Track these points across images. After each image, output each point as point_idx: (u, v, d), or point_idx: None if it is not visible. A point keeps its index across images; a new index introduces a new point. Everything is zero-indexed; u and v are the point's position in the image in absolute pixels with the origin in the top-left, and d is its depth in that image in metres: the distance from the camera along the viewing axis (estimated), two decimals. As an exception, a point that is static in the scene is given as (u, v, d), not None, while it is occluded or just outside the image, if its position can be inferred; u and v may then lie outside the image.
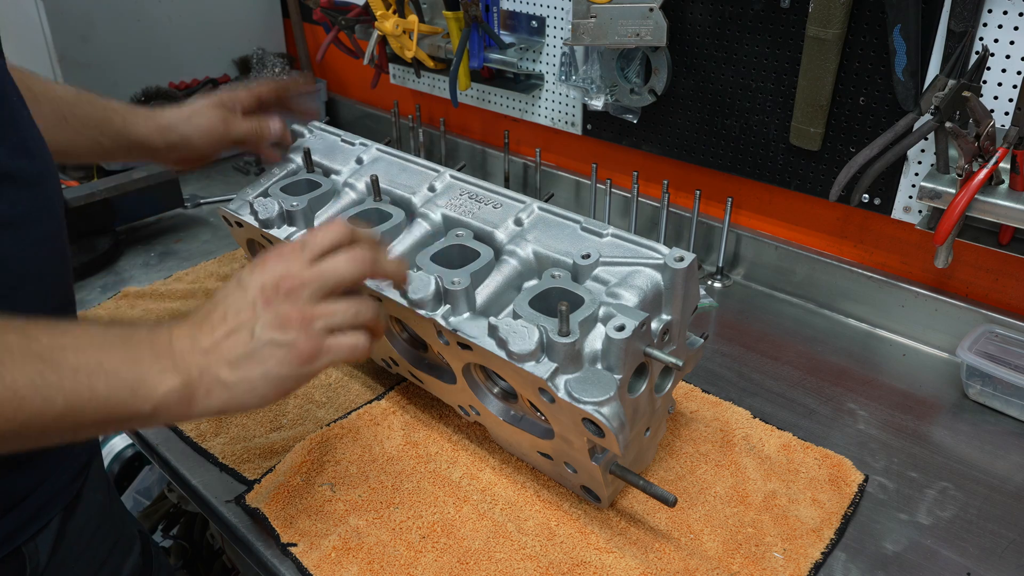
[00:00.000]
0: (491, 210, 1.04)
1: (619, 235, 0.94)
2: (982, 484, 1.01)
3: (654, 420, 0.94)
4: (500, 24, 1.66)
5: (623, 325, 0.81)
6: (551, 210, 1.01)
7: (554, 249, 0.95)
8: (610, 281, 0.89)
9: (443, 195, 1.10)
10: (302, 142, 1.29)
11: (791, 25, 1.27)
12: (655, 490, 0.89)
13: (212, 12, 2.08)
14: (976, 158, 1.05)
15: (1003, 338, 1.17)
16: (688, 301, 0.90)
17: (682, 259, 0.86)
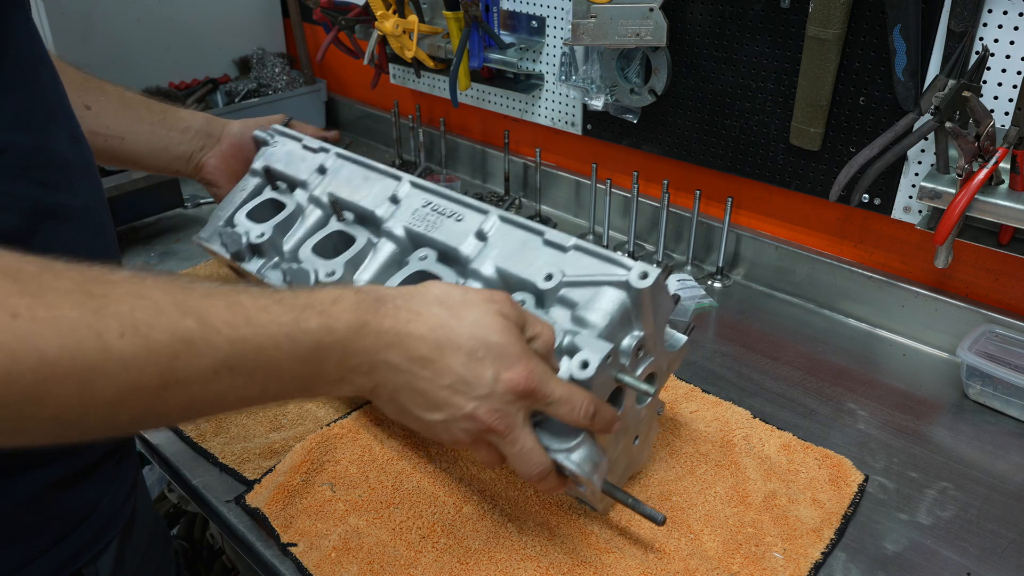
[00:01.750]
0: (453, 223, 1.01)
1: (583, 247, 0.89)
2: (982, 484, 1.01)
3: (642, 428, 0.93)
4: (500, 24, 1.66)
5: (587, 362, 0.77)
6: (513, 220, 0.97)
7: (518, 267, 0.92)
8: (576, 303, 0.85)
9: (405, 206, 1.07)
10: (265, 151, 1.27)
11: (791, 25, 1.27)
12: (643, 509, 0.86)
13: (212, 12, 2.08)
14: (976, 158, 1.05)
15: (1003, 338, 1.18)
16: (660, 313, 0.86)
17: (646, 276, 0.81)
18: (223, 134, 1.27)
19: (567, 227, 1.69)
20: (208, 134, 1.25)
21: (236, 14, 2.15)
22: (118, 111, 1.15)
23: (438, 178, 1.74)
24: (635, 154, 1.60)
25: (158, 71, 2.00)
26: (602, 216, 1.55)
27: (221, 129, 1.27)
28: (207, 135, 1.25)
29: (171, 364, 0.54)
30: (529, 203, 1.78)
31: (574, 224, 1.70)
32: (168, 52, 2.02)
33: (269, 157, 1.26)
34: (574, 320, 0.84)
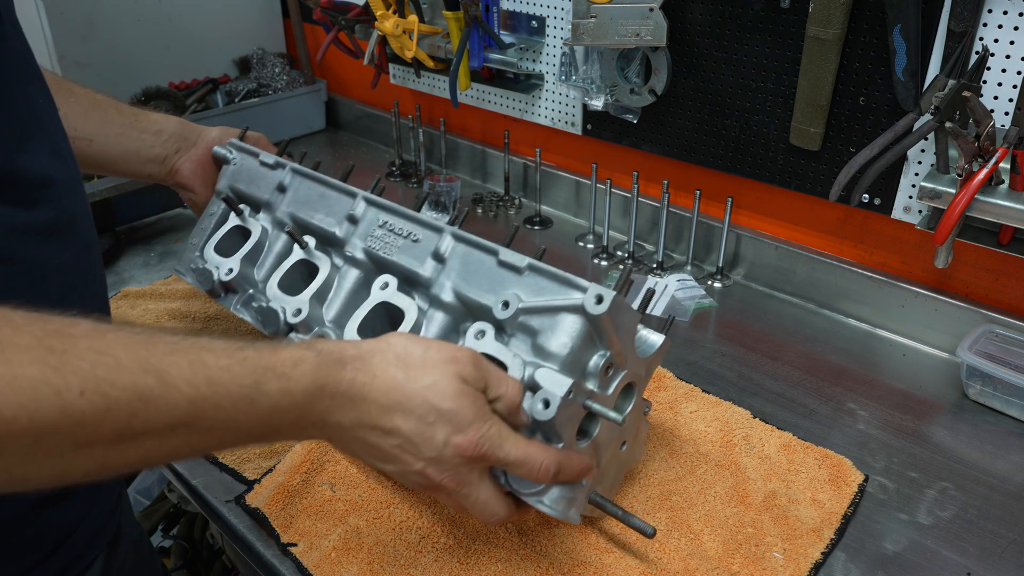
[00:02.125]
0: (410, 245, 0.98)
1: (537, 268, 0.86)
2: (982, 484, 1.01)
3: (628, 433, 0.91)
4: (500, 24, 1.66)
5: (547, 401, 0.76)
6: (467, 239, 0.93)
7: (476, 291, 0.89)
8: (536, 331, 0.82)
9: (362, 227, 1.04)
10: (227, 170, 1.23)
11: (791, 25, 1.27)
12: (634, 521, 0.86)
13: (212, 12, 2.08)
14: (976, 158, 1.05)
15: (1003, 338, 1.17)
16: (624, 329, 0.82)
17: (601, 300, 0.78)
18: (199, 139, 1.23)
19: (567, 227, 1.69)
20: (183, 137, 1.21)
21: (236, 14, 2.15)
22: (87, 113, 1.11)
23: (438, 178, 1.74)
24: (635, 154, 1.60)
25: (158, 71, 2.00)
26: (602, 216, 1.55)
27: (198, 134, 1.23)
28: (182, 138, 1.21)
29: (128, 421, 0.54)
30: (529, 203, 1.78)
31: (574, 224, 1.70)
32: (168, 52, 2.02)
33: (232, 176, 1.22)
34: (535, 349, 0.81)
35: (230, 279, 1.12)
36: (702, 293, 1.43)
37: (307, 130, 2.20)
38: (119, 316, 1.34)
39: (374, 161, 2.04)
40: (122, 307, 1.37)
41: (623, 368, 0.85)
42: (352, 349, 0.67)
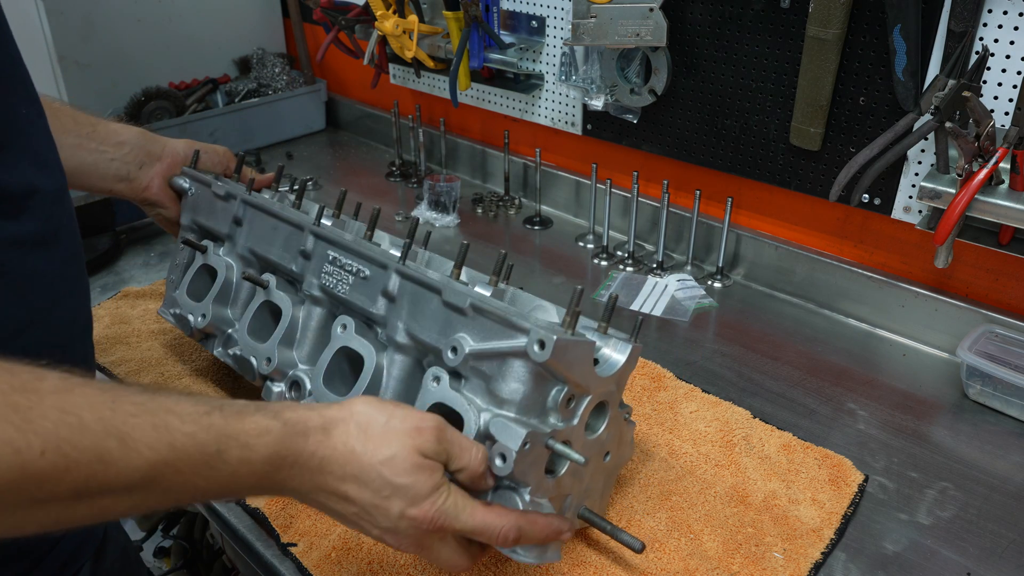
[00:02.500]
0: (360, 282, 0.95)
1: (480, 310, 0.80)
2: (982, 484, 1.01)
3: (611, 443, 0.88)
4: (500, 24, 1.66)
5: (503, 455, 0.74)
6: (413, 277, 0.88)
7: (427, 333, 0.86)
8: (488, 376, 0.79)
9: (314, 263, 1.00)
10: (187, 202, 1.19)
11: (791, 25, 1.27)
12: (622, 536, 0.84)
13: (212, 12, 2.08)
14: (976, 158, 1.05)
15: (1003, 338, 1.17)
16: (579, 361, 0.78)
17: (543, 346, 0.73)
18: (164, 152, 1.17)
19: (567, 227, 1.69)
20: (146, 151, 1.15)
21: (236, 14, 2.15)
22: None
23: (438, 178, 1.74)
24: (635, 154, 1.60)
25: (158, 71, 2.00)
26: (602, 216, 1.55)
27: (162, 147, 1.17)
28: (145, 152, 1.15)
29: (87, 482, 0.54)
30: (529, 203, 1.78)
31: (574, 224, 1.70)
32: (168, 52, 2.02)
33: (192, 208, 1.18)
34: (490, 394, 0.79)
35: (205, 325, 1.09)
36: (702, 293, 1.43)
37: (307, 130, 2.20)
38: (119, 316, 1.34)
39: (374, 161, 2.04)
40: (122, 307, 1.37)
41: (586, 394, 0.81)
42: (317, 419, 0.67)
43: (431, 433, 0.70)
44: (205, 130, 1.96)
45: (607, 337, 0.86)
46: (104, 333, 1.29)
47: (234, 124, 2.02)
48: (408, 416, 0.70)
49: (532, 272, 1.51)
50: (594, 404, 0.83)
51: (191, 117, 1.93)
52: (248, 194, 1.12)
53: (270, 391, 1.01)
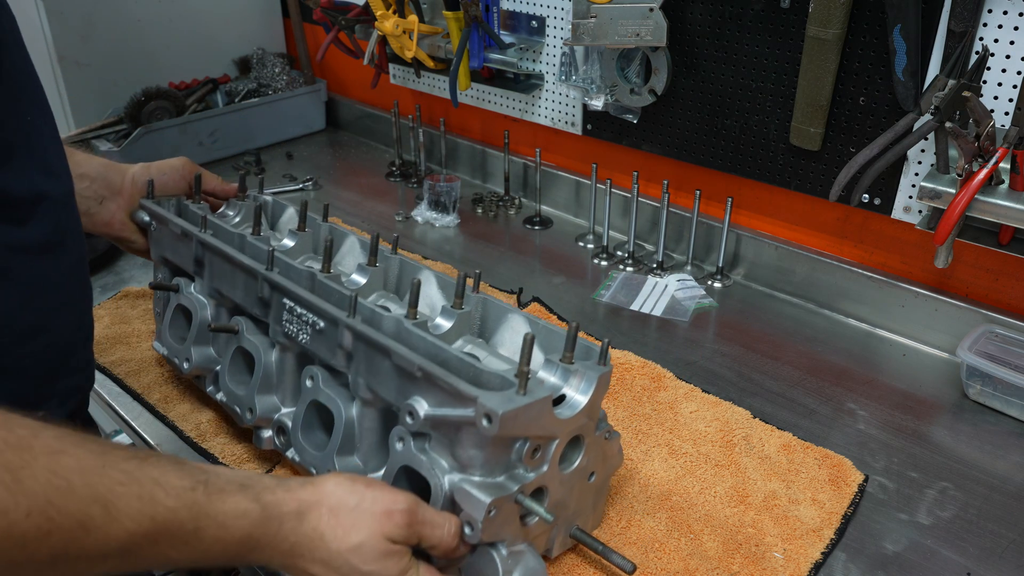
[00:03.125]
0: (318, 335, 0.91)
1: (431, 376, 0.77)
2: (982, 484, 1.01)
3: (592, 466, 0.86)
4: (500, 24, 1.66)
5: (470, 523, 0.74)
6: (363, 335, 0.84)
7: (386, 393, 0.84)
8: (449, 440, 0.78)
9: (274, 310, 0.96)
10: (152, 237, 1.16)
11: (791, 25, 1.27)
12: (613, 558, 0.84)
13: (212, 12, 2.08)
14: (976, 158, 1.05)
15: (1003, 338, 1.17)
16: (536, 418, 0.75)
17: (490, 419, 0.71)
18: (124, 183, 1.13)
19: (567, 227, 1.69)
20: (107, 184, 1.12)
21: (236, 14, 2.14)
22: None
23: (438, 178, 1.74)
24: (635, 154, 1.60)
25: (158, 71, 2.00)
26: (602, 216, 1.55)
27: (122, 178, 1.13)
28: (106, 185, 1.11)
29: (66, 547, 0.54)
30: (529, 203, 1.78)
31: (574, 224, 1.70)
32: (168, 52, 2.02)
33: (158, 244, 1.15)
34: (453, 457, 0.77)
35: (191, 369, 1.07)
36: (702, 293, 1.43)
37: (307, 130, 2.20)
38: (119, 316, 1.34)
39: (374, 161, 2.04)
40: (122, 307, 1.37)
41: (553, 439, 0.79)
42: (292, 503, 0.68)
43: (401, 517, 0.71)
44: (205, 130, 1.96)
45: (571, 370, 0.81)
46: (104, 333, 1.29)
47: (234, 124, 2.02)
48: (379, 499, 0.71)
49: (532, 272, 1.51)
50: (564, 444, 0.80)
51: (191, 117, 1.93)
52: (203, 232, 1.06)
53: (260, 438, 1.00)
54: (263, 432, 1.00)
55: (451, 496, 0.76)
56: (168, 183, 1.17)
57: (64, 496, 0.54)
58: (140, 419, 1.13)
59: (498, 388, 0.76)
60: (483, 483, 0.75)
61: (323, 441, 0.92)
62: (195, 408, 1.14)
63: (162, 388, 1.17)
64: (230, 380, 1.02)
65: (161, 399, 1.15)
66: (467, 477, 0.76)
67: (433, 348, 0.83)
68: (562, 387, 0.81)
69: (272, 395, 0.99)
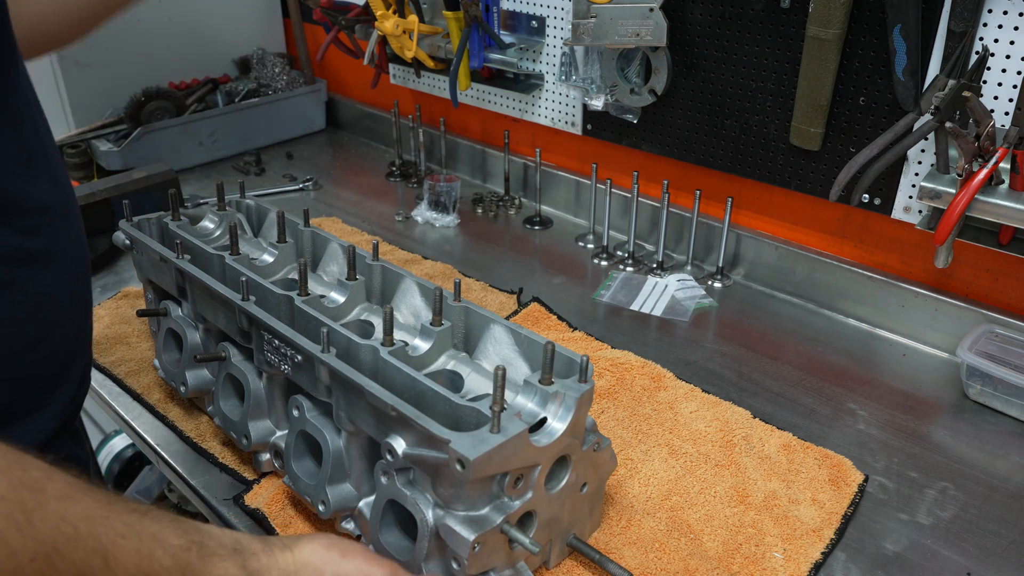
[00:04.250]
0: (297, 367, 0.89)
1: (404, 419, 0.76)
2: (982, 484, 1.01)
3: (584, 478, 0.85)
4: (500, 24, 1.66)
5: (457, 560, 0.75)
6: (338, 374, 0.82)
7: (367, 428, 0.83)
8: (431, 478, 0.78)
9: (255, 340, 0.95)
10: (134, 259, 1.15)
11: (791, 25, 1.27)
12: (610, 567, 0.84)
13: (212, 12, 2.08)
14: (976, 158, 1.05)
15: (1003, 338, 1.17)
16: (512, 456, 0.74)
17: (463, 465, 0.71)
18: None
19: (567, 227, 1.69)
20: None
21: (236, 14, 2.14)
22: None
23: (438, 178, 1.74)
24: (635, 154, 1.60)
25: (158, 71, 1.99)
26: (602, 216, 1.55)
27: None
28: None
29: None
30: (529, 203, 1.78)
31: (574, 224, 1.70)
32: (168, 52, 2.02)
33: (142, 268, 1.14)
34: (437, 497, 0.77)
35: (189, 393, 1.07)
36: (702, 293, 1.43)
37: (307, 130, 2.20)
38: (119, 316, 1.34)
39: (374, 161, 2.04)
40: (122, 307, 1.37)
41: (536, 466, 0.78)
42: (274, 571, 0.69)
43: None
44: (205, 130, 1.96)
45: (549, 393, 0.79)
46: (104, 333, 1.29)
47: (234, 124, 2.02)
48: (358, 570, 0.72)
49: (532, 272, 1.51)
50: (548, 468, 0.79)
51: (191, 117, 1.93)
52: (180, 258, 1.03)
53: (259, 461, 1.00)
54: (261, 456, 1.00)
55: (436, 530, 0.76)
56: None
57: (70, 544, 0.54)
58: (140, 419, 1.13)
59: (474, 424, 0.76)
60: (467, 517, 0.75)
61: (314, 468, 0.92)
62: (195, 408, 1.14)
63: (162, 388, 1.17)
64: (224, 405, 1.01)
65: (161, 399, 1.15)
66: (451, 512, 0.76)
67: (409, 380, 0.82)
68: (540, 413, 0.79)
69: (265, 419, 0.98)
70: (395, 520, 0.83)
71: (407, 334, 0.99)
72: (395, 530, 0.83)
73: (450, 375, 0.93)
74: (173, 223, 1.14)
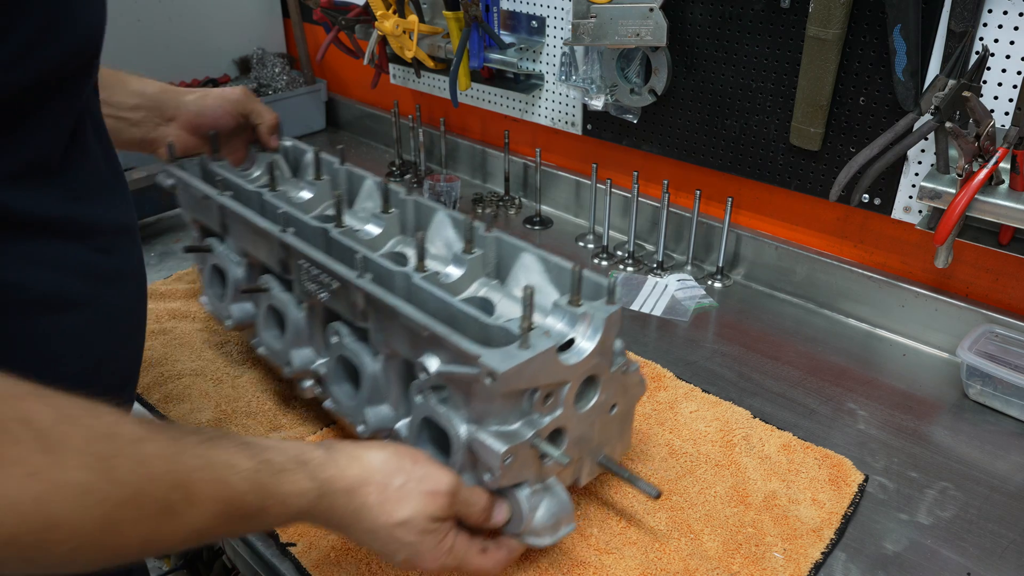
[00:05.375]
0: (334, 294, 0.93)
1: (436, 338, 0.79)
2: (982, 484, 1.01)
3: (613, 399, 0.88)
4: (500, 24, 1.66)
5: (489, 471, 0.78)
6: (374, 296, 0.86)
7: (401, 349, 0.86)
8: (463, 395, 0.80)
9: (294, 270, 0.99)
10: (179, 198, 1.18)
11: (791, 25, 1.27)
12: (639, 484, 0.88)
13: (212, 12, 2.08)
14: (976, 158, 1.05)
15: (1003, 338, 1.17)
16: (541, 372, 0.77)
17: (493, 377, 0.74)
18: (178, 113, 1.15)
19: (567, 227, 1.69)
20: (160, 112, 1.13)
21: (236, 14, 2.15)
22: None
23: (438, 178, 1.74)
24: (635, 154, 1.60)
25: (158, 71, 1.98)
26: (602, 216, 1.55)
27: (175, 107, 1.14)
28: (158, 113, 1.13)
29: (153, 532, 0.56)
30: (529, 203, 1.78)
31: (574, 224, 1.70)
32: (168, 52, 2.02)
33: (184, 204, 1.18)
34: (470, 410, 0.80)
35: (234, 325, 1.11)
36: (702, 293, 1.43)
37: (307, 130, 2.20)
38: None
39: (374, 161, 2.04)
40: (122, 307, 1.37)
41: (565, 384, 0.81)
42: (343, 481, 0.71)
43: (444, 499, 0.75)
44: (205, 130, 1.96)
45: (578, 314, 0.82)
46: (104, 333, 1.29)
47: (234, 124, 2.01)
48: (424, 478, 0.74)
49: (532, 272, 1.51)
50: (577, 386, 0.82)
51: (191, 117, 1.93)
52: (222, 195, 1.07)
53: (302, 388, 1.04)
54: (304, 382, 1.03)
55: (469, 445, 0.79)
56: (219, 116, 1.18)
57: (151, 484, 0.56)
58: (140, 419, 1.13)
59: (504, 343, 0.78)
60: (499, 432, 0.78)
61: (353, 391, 0.96)
62: (195, 408, 1.14)
63: (162, 388, 1.17)
64: (266, 335, 1.06)
65: (161, 399, 1.15)
66: (483, 427, 0.78)
67: (441, 304, 0.85)
68: (569, 333, 0.82)
69: (306, 347, 1.02)
70: (431, 437, 0.86)
71: (439, 264, 1.01)
72: (431, 447, 0.86)
73: (481, 301, 0.95)
74: (214, 163, 1.17)
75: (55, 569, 0.52)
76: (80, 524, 0.51)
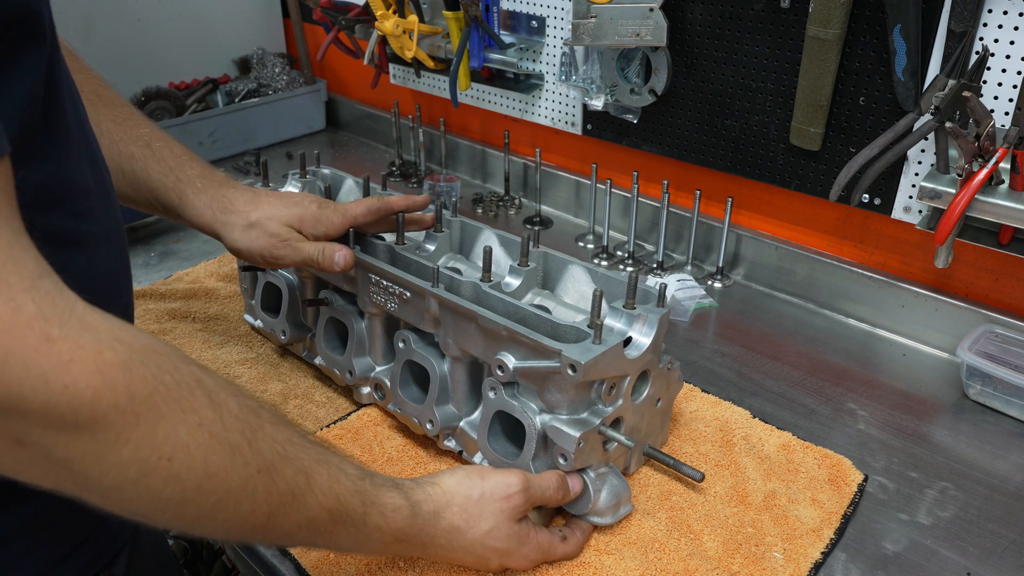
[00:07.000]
0: (404, 304, 1.00)
1: (516, 337, 0.87)
2: (982, 484, 1.01)
3: (659, 393, 0.97)
4: (500, 24, 1.66)
5: (564, 456, 0.86)
6: (448, 303, 0.93)
7: (474, 350, 0.94)
8: (537, 387, 0.89)
9: (359, 283, 1.05)
10: None
11: (791, 25, 1.27)
12: (684, 469, 0.95)
13: (212, 12, 2.08)
14: (976, 158, 1.05)
15: (1003, 338, 1.17)
16: (610, 365, 0.86)
17: (575, 369, 0.82)
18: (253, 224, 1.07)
19: (567, 227, 1.69)
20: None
21: (236, 14, 2.15)
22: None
23: (438, 178, 1.74)
24: (635, 154, 1.60)
25: (158, 71, 2.00)
26: (602, 216, 1.55)
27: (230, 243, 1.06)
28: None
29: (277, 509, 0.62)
30: (529, 203, 1.78)
31: (574, 224, 1.70)
32: (168, 52, 2.02)
33: None
34: (542, 400, 0.88)
35: (288, 340, 1.18)
36: (702, 293, 1.43)
37: (307, 130, 2.20)
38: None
39: (374, 161, 2.04)
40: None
41: (625, 376, 0.90)
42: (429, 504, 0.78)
43: (519, 499, 0.82)
44: (205, 130, 1.96)
45: (633, 315, 0.92)
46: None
47: (234, 124, 2.02)
48: (496, 487, 0.82)
49: (532, 272, 1.51)
50: (635, 379, 0.91)
51: (191, 117, 1.93)
52: None
53: (360, 393, 1.12)
54: (363, 388, 1.11)
55: (544, 433, 0.87)
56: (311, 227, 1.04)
57: (283, 462, 0.62)
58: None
59: (574, 339, 0.87)
60: (571, 420, 0.87)
61: (418, 394, 1.04)
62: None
63: (162, 388, 1.17)
64: (326, 345, 1.14)
65: (161, 399, 1.15)
66: (556, 416, 0.87)
67: (511, 308, 0.92)
68: (628, 331, 0.91)
69: (366, 356, 1.10)
70: (501, 431, 0.95)
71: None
72: (501, 439, 0.95)
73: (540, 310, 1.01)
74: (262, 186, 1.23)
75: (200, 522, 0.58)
76: (227, 479, 0.57)
